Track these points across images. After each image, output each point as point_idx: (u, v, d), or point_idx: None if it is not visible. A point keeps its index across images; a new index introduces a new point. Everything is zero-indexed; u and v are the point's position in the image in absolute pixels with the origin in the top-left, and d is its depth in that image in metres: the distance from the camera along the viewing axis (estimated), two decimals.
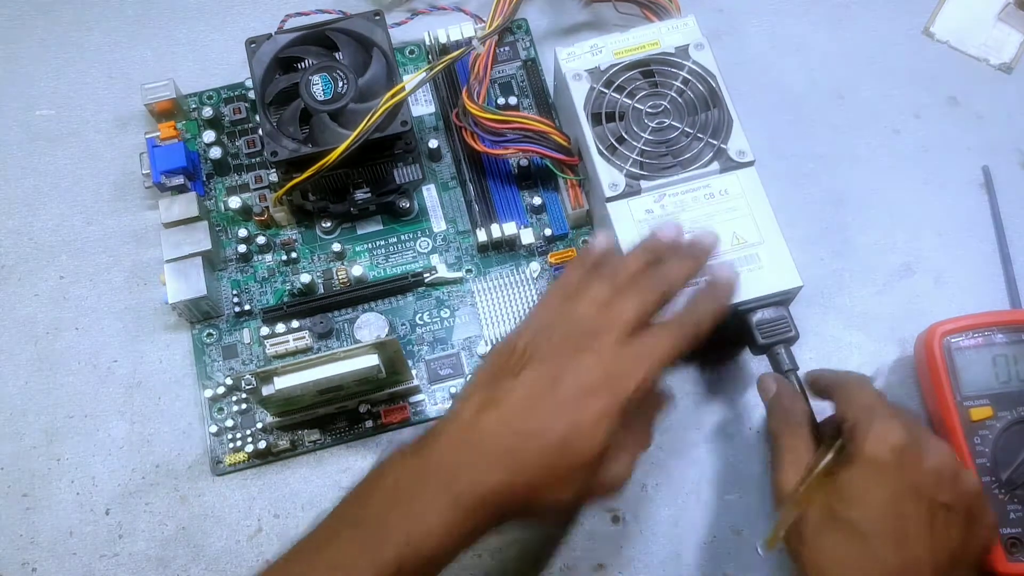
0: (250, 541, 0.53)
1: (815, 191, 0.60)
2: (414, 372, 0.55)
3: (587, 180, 0.56)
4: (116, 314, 0.58)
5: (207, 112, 0.61)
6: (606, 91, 0.54)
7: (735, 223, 0.51)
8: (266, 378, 0.48)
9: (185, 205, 0.56)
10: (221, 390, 0.55)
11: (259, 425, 0.54)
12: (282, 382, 0.47)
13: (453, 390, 0.55)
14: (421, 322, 0.57)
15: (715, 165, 0.52)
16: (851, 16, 0.66)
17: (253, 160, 0.60)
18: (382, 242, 0.59)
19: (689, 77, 0.54)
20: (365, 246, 0.59)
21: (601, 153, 0.53)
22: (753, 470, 0.54)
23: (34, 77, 0.65)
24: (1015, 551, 0.49)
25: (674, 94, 0.54)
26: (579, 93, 0.54)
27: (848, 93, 0.63)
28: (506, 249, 0.58)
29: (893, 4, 0.66)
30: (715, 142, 0.53)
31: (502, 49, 0.63)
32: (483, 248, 0.58)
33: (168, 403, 0.56)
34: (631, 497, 0.53)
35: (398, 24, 0.63)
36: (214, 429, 0.54)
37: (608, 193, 0.52)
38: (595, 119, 0.54)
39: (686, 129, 0.53)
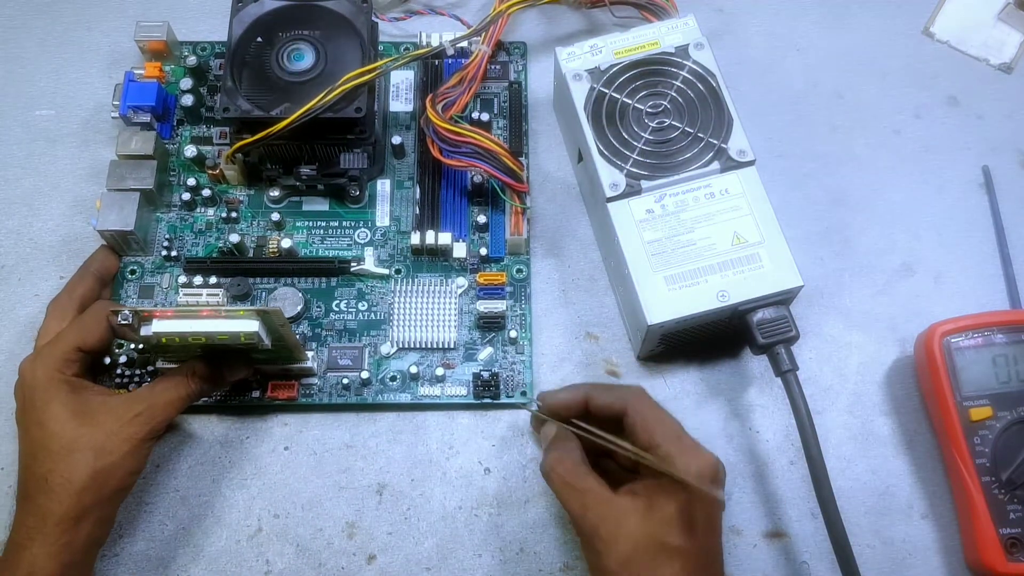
0: (250, 541, 0.53)
1: (815, 191, 0.60)
2: (312, 355, 0.54)
3: (532, 211, 0.58)
4: None
5: (191, 60, 0.61)
6: (606, 91, 0.54)
7: (736, 223, 0.51)
8: (146, 319, 0.46)
9: (142, 142, 0.57)
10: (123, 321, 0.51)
11: (152, 367, 0.54)
12: (160, 326, 0.46)
13: (345, 381, 0.54)
14: (337, 309, 0.56)
15: (715, 165, 0.52)
16: (851, 16, 0.66)
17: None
18: (323, 223, 0.59)
19: (689, 77, 0.54)
20: (306, 223, 0.59)
21: (601, 153, 0.53)
22: (753, 470, 0.54)
23: (34, 77, 0.65)
24: (1015, 551, 0.49)
25: (674, 94, 0.54)
26: (579, 93, 0.54)
27: (848, 93, 0.63)
28: (440, 259, 0.58)
29: (893, 4, 0.66)
30: (715, 142, 0.53)
31: (493, 67, 0.62)
32: (417, 251, 0.57)
33: None
34: None
35: (397, 20, 0.64)
36: (107, 360, 0.54)
37: (608, 193, 0.52)
38: (595, 119, 0.54)
39: (686, 129, 0.53)
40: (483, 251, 0.57)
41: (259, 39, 0.55)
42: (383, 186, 0.60)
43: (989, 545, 0.49)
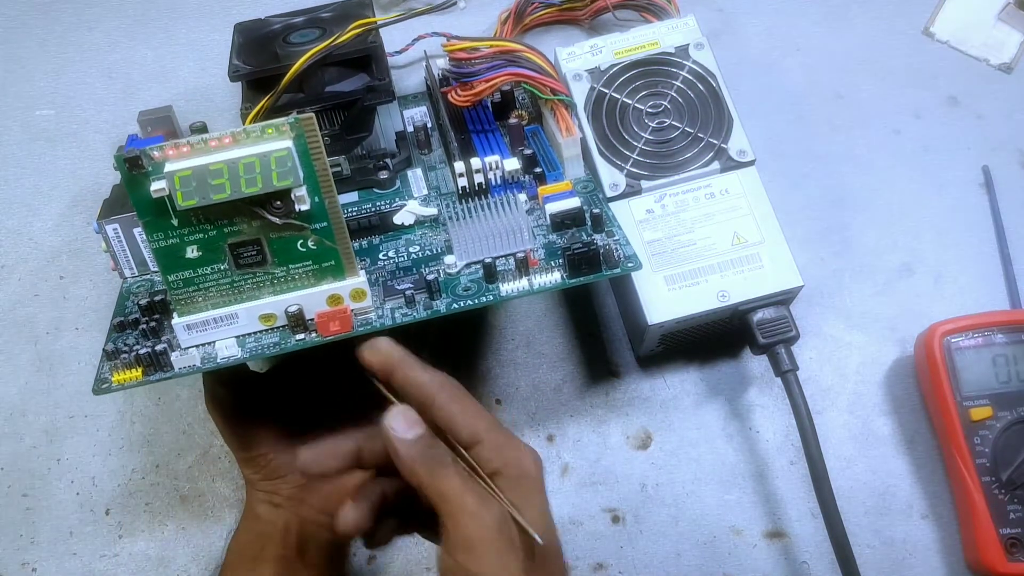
0: None
1: (815, 191, 0.60)
2: (365, 274, 0.45)
3: (572, 107, 0.53)
4: None
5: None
6: (606, 91, 0.54)
7: (736, 223, 0.51)
8: (156, 162, 0.40)
9: None
10: (135, 315, 0.46)
11: (165, 337, 0.45)
12: (173, 165, 0.40)
13: (409, 293, 0.45)
14: (384, 258, 0.48)
15: (715, 165, 0.52)
16: (851, 16, 0.66)
17: None
18: (355, 210, 0.52)
19: (689, 77, 0.54)
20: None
21: (602, 153, 0.53)
22: (753, 470, 0.54)
23: (34, 77, 0.65)
24: (1015, 551, 0.49)
25: (674, 94, 0.54)
26: (579, 93, 0.54)
27: (848, 93, 0.63)
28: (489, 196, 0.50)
29: (893, 4, 0.66)
30: (715, 142, 0.53)
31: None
32: (464, 193, 0.50)
33: (168, 403, 0.56)
34: (631, 497, 0.53)
35: (399, 52, 0.62)
36: (111, 347, 0.44)
37: (609, 193, 0.52)
38: (595, 119, 0.54)
39: (686, 129, 0.53)
40: (537, 170, 0.50)
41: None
42: (413, 173, 0.54)
43: (989, 545, 0.49)
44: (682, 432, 0.55)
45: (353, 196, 0.53)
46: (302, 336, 0.44)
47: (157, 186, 0.40)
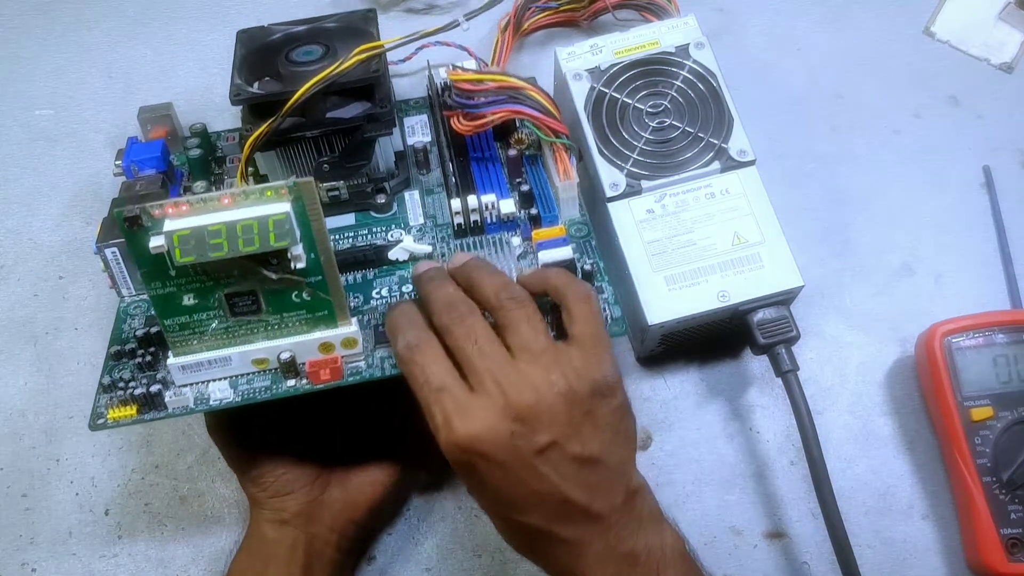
0: None
1: (815, 191, 0.60)
2: (357, 323, 0.45)
3: (584, 166, 0.53)
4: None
5: (195, 151, 0.55)
6: (606, 91, 0.54)
7: (736, 223, 0.51)
8: (156, 219, 0.40)
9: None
10: (131, 345, 0.47)
11: (161, 374, 0.46)
12: (172, 224, 0.40)
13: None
14: (378, 296, 0.49)
15: (716, 165, 0.52)
16: (851, 16, 0.66)
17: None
18: (351, 234, 0.52)
19: (690, 76, 0.54)
20: (332, 237, 0.50)
21: (601, 153, 0.53)
22: (753, 470, 0.54)
23: (34, 77, 0.65)
24: (1015, 551, 0.49)
25: (675, 94, 0.54)
26: (579, 93, 0.54)
27: (848, 93, 0.63)
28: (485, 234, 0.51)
29: (893, 4, 0.66)
30: (716, 141, 0.53)
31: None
32: (460, 230, 0.51)
33: None
34: None
35: (402, 60, 0.62)
36: (107, 380, 0.45)
37: (609, 193, 0.52)
38: (595, 119, 0.54)
39: (687, 129, 0.53)
40: (532, 211, 0.50)
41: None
42: (411, 196, 0.54)
43: (990, 545, 0.49)
44: (682, 432, 0.55)
45: (350, 219, 0.53)
46: (293, 382, 0.45)
47: (156, 243, 0.40)
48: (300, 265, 0.42)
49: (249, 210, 0.40)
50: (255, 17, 0.66)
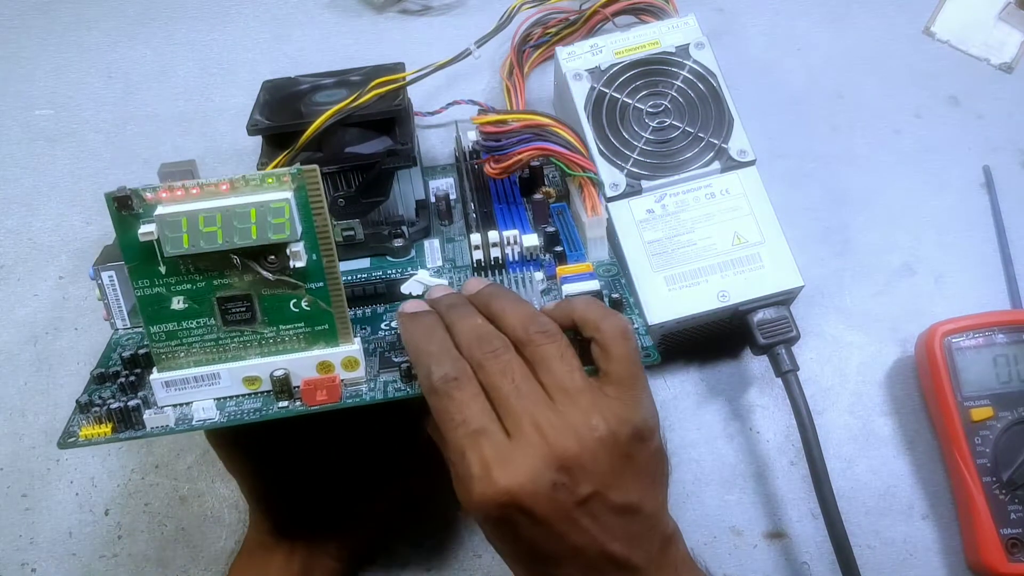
0: None
1: (815, 191, 0.60)
2: (360, 342, 0.42)
3: (600, 185, 0.51)
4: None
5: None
6: (607, 91, 0.54)
7: (736, 223, 0.51)
8: (149, 203, 0.38)
9: None
10: (116, 368, 0.44)
11: (142, 393, 0.42)
12: (165, 209, 0.38)
13: (406, 366, 0.42)
14: (386, 328, 0.46)
15: (716, 165, 0.52)
16: (851, 16, 0.66)
17: None
18: (364, 276, 0.50)
19: (690, 76, 0.54)
20: (345, 279, 0.48)
21: (602, 153, 0.53)
22: (753, 470, 0.54)
23: (33, 76, 0.65)
24: (1015, 552, 0.49)
25: (675, 94, 0.54)
26: (579, 93, 0.54)
27: (848, 93, 0.63)
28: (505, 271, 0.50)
29: (893, 4, 0.66)
30: (716, 141, 0.53)
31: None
32: (479, 267, 0.49)
33: None
34: None
35: (431, 113, 0.62)
36: (84, 399, 0.42)
37: (609, 193, 0.52)
38: (595, 119, 0.54)
39: (687, 129, 0.53)
40: (557, 248, 0.49)
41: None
42: (431, 243, 0.52)
43: (990, 546, 0.49)
44: (682, 432, 0.54)
45: (365, 263, 0.51)
46: (285, 403, 0.41)
47: (146, 229, 0.38)
48: (300, 265, 0.39)
49: (248, 197, 0.38)
50: (255, 17, 0.66)
